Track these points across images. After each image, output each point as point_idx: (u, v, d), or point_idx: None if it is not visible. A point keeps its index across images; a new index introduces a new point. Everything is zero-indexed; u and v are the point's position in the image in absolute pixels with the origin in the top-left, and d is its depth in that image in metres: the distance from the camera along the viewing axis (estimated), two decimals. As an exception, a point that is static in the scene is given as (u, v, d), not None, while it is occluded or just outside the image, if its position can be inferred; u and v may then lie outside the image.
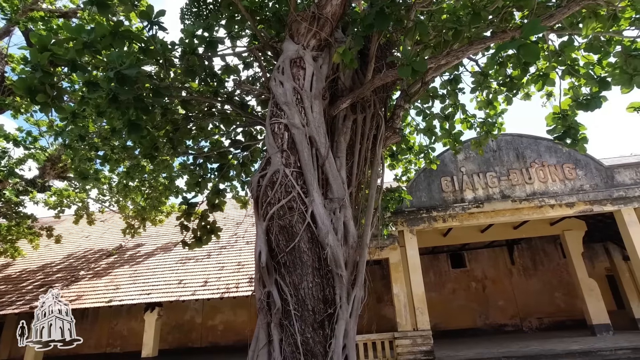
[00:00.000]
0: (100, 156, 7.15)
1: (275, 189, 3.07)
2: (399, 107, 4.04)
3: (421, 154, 6.49)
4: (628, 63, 3.69)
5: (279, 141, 3.22)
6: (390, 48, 4.13)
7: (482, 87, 4.87)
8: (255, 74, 6.02)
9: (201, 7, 6.62)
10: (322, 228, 3.05)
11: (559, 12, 2.65)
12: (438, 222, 9.35)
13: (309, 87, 3.44)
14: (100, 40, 3.47)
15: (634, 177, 9.06)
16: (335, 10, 3.56)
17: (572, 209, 8.96)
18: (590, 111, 3.99)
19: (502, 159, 9.60)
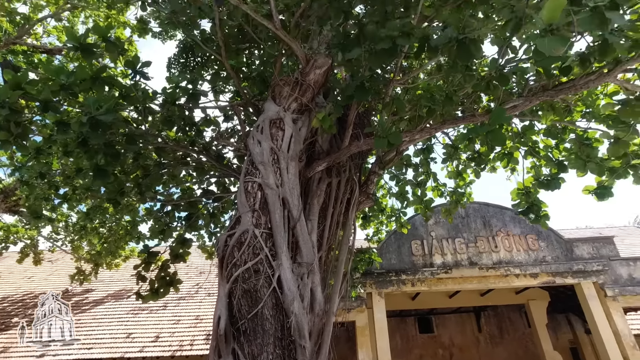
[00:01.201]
0: (59, 195, 6.75)
1: (242, 249, 2.95)
2: (373, 173, 4.14)
3: (393, 216, 6.57)
4: (582, 150, 4.01)
5: (251, 200, 3.16)
6: (367, 116, 4.33)
7: (453, 159, 5.12)
8: (235, 126, 6.09)
9: (189, 59, 6.80)
10: (288, 294, 2.90)
11: (521, 104, 2.90)
12: (407, 286, 9.24)
13: (286, 149, 3.47)
14: (79, 84, 3.43)
15: (590, 251, 9.48)
16: (318, 78, 3.73)
17: (536, 280, 9.14)
18: (550, 191, 4.23)
19: (470, 226, 9.87)
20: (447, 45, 2.49)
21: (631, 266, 9.24)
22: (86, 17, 10.16)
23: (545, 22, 1.78)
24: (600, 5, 1.76)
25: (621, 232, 16.27)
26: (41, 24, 10.11)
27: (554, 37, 1.78)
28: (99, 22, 9.31)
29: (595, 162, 3.92)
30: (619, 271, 9.20)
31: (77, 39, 3.36)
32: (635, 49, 2.66)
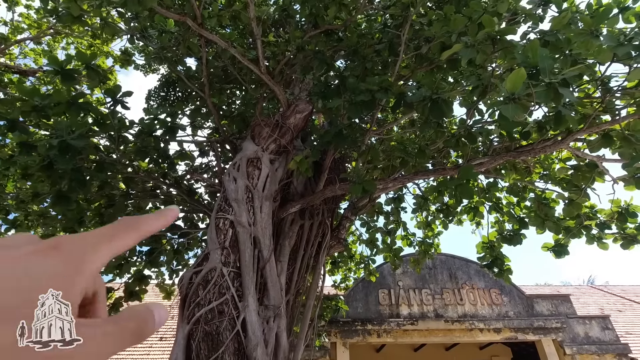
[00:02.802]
0: (8, 220, 6.27)
1: (207, 288, 2.82)
2: (345, 218, 4.18)
3: (362, 263, 6.55)
4: (540, 209, 4.28)
5: (221, 237, 3.08)
6: (342, 163, 4.46)
7: (422, 209, 5.29)
8: (210, 162, 6.06)
9: (169, 93, 6.86)
10: (251, 339, 2.76)
11: (486, 161, 3.12)
12: (373, 337, 8.99)
13: (261, 188, 3.48)
14: (53, 107, 3.36)
15: (550, 308, 9.74)
16: (298, 122, 3.86)
17: (499, 335, 9.18)
18: (513, 246, 4.42)
19: (437, 278, 9.96)
20: (421, 102, 2.69)
21: (587, 325, 9.54)
22: (68, 43, 10.14)
23: (508, 91, 1.98)
24: (554, 82, 2.00)
25: (576, 291, 16.90)
26: (18, 45, 9.96)
27: (515, 105, 1.98)
28: (81, 49, 9.31)
29: (552, 221, 4.18)
30: (576, 329, 9.45)
31: (59, 63, 3.35)
32: (583, 122, 2.99)
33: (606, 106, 2.76)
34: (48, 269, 0.27)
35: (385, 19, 4.07)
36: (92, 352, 0.27)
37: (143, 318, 0.31)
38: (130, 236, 0.33)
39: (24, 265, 0.26)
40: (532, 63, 2.09)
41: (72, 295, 0.27)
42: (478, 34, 2.35)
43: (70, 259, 0.28)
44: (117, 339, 0.28)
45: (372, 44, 3.88)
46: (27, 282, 0.26)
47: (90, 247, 0.30)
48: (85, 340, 0.27)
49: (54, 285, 0.26)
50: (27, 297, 0.25)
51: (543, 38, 2.39)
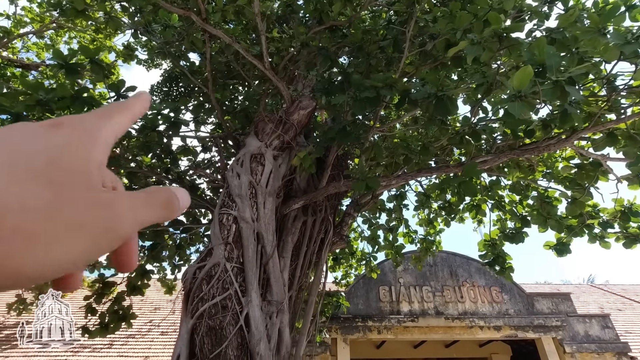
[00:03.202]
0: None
1: (211, 283, 2.83)
2: (348, 215, 4.19)
3: (363, 260, 6.56)
4: (543, 207, 4.28)
5: (225, 233, 3.09)
6: (346, 159, 4.46)
7: (424, 207, 5.29)
8: (212, 158, 6.06)
9: (172, 88, 6.85)
10: (254, 334, 2.77)
11: (490, 159, 3.12)
12: (373, 333, 9.02)
13: (265, 184, 3.48)
14: (57, 101, 3.37)
15: (550, 306, 9.76)
16: (302, 118, 3.86)
17: (499, 333, 9.21)
18: (515, 244, 4.42)
19: (438, 275, 9.97)
20: (426, 99, 2.68)
21: (587, 323, 9.56)
22: (70, 37, 10.13)
23: (514, 89, 1.98)
24: (561, 80, 2.00)
25: (576, 290, 16.92)
26: (21, 39, 9.95)
27: (522, 102, 1.98)
28: (84, 43, 9.29)
29: (555, 220, 4.18)
30: (576, 328, 9.47)
31: (63, 57, 3.35)
32: (589, 120, 2.98)
33: (611, 105, 2.75)
34: (61, 142, 0.26)
35: (390, 16, 4.05)
36: (128, 213, 0.27)
37: (170, 194, 0.31)
38: (126, 115, 0.33)
39: (38, 138, 0.25)
40: (539, 61, 2.08)
41: (90, 166, 0.27)
42: (485, 31, 2.34)
43: (79, 132, 0.27)
44: (150, 207, 0.29)
45: (376, 40, 3.87)
46: (47, 151, 0.25)
47: (96, 122, 0.29)
48: (121, 202, 0.26)
49: (71, 157, 0.25)
50: (52, 163, 0.24)
51: (550, 36, 2.38)
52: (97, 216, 0.25)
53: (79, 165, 0.26)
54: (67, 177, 0.24)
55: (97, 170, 0.27)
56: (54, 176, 0.24)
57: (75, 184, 0.25)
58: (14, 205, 0.21)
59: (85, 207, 0.24)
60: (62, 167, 0.25)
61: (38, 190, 0.23)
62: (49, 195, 0.23)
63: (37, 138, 0.25)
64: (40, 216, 0.22)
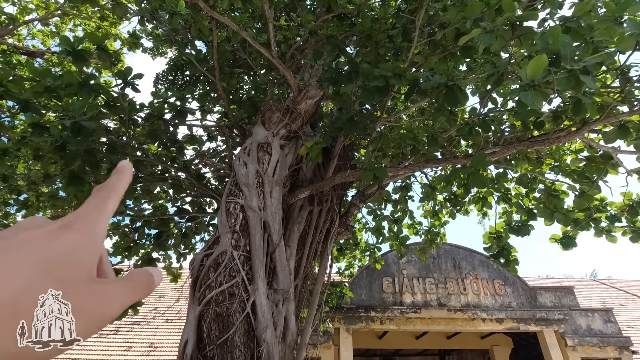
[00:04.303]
0: (19, 201, 6.35)
1: (219, 271, 2.86)
2: (353, 206, 4.19)
3: (367, 251, 6.58)
4: (549, 200, 4.26)
5: (232, 221, 3.10)
6: (352, 150, 4.44)
7: (430, 199, 5.28)
8: (218, 147, 6.06)
9: (177, 77, 6.83)
10: (261, 321, 2.80)
11: (499, 151, 3.09)
12: (375, 323, 9.10)
13: (271, 173, 3.48)
14: (65, 88, 3.37)
15: (553, 300, 9.78)
16: (309, 108, 3.83)
17: (501, 325, 9.26)
18: (520, 237, 4.41)
19: (441, 267, 10.00)
20: (435, 89, 2.65)
21: (589, 317, 9.57)
22: (75, 25, 10.09)
23: (528, 78, 1.95)
24: (576, 69, 1.96)
25: (579, 284, 16.93)
26: (26, 26, 9.92)
27: (535, 92, 1.95)
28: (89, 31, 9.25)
29: (561, 213, 4.16)
30: (579, 321, 9.49)
31: (70, 44, 3.33)
32: (601, 112, 2.94)
33: (625, 96, 2.71)
34: (67, 243, 0.32)
35: (399, 4, 3.99)
36: (116, 299, 0.34)
37: (148, 276, 0.39)
38: (114, 199, 0.39)
39: (46, 243, 0.32)
40: (553, 50, 2.04)
41: (89, 261, 0.34)
42: (498, 19, 2.30)
43: (82, 232, 0.34)
44: (133, 291, 0.36)
45: (385, 29, 3.82)
46: (58, 255, 0.31)
47: (94, 220, 0.36)
48: (110, 290, 0.34)
49: (74, 255, 0.32)
50: (62, 264, 0.31)
51: (565, 24, 2.33)
52: (93, 304, 0.32)
53: (81, 264, 0.33)
54: (70, 273, 0.31)
55: (94, 265, 0.34)
56: (60, 274, 0.30)
57: (76, 279, 0.31)
58: (34, 306, 0.29)
59: (84, 297, 0.31)
60: (68, 266, 0.31)
61: (48, 288, 0.29)
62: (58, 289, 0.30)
63: (48, 240, 0.32)
64: None
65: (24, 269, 0.29)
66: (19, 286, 0.28)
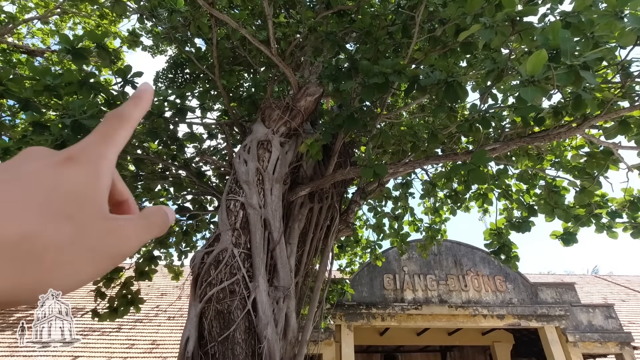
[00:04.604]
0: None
1: (219, 268, 2.86)
2: (354, 203, 4.19)
3: (368, 248, 6.59)
4: (550, 197, 4.25)
5: (232, 219, 3.11)
6: (352, 147, 4.44)
7: (430, 195, 5.28)
8: (218, 144, 6.06)
9: (177, 75, 6.82)
10: (262, 318, 2.81)
11: (499, 147, 3.08)
12: (377, 320, 9.13)
13: (272, 170, 3.48)
14: (65, 86, 3.37)
15: (554, 296, 9.79)
16: (309, 105, 3.83)
17: (502, 321, 9.27)
18: (521, 233, 4.41)
19: (442, 264, 10.01)
20: (435, 86, 2.65)
21: (590, 313, 9.58)
22: (75, 23, 10.08)
23: (528, 74, 1.94)
24: (576, 65, 1.95)
25: (580, 280, 16.93)
26: (26, 25, 9.92)
27: (535, 88, 1.94)
28: (88, 29, 9.24)
29: (562, 209, 4.15)
30: (580, 317, 9.50)
31: (70, 42, 3.33)
32: (601, 107, 2.93)
33: (625, 91, 2.70)
34: (73, 179, 0.30)
35: (399, 0, 3.98)
36: (133, 236, 0.32)
37: (163, 213, 0.37)
38: (126, 129, 0.36)
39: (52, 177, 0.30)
40: (553, 45, 2.04)
41: (99, 197, 0.31)
42: (497, 15, 2.29)
43: (87, 166, 0.31)
44: (149, 230, 0.35)
45: (385, 25, 3.81)
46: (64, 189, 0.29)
47: (100, 151, 0.33)
48: (126, 227, 0.32)
49: (82, 191, 0.30)
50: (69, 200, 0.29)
51: (565, 19, 2.32)
52: (107, 242, 0.30)
53: (91, 201, 0.30)
54: (81, 211, 0.29)
55: (105, 199, 0.32)
56: (71, 212, 0.28)
57: (89, 216, 0.29)
58: (51, 244, 0.27)
59: (98, 235, 0.29)
60: (77, 203, 0.29)
61: (62, 226, 0.28)
62: (70, 229, 0.28)
63: (53, 174, 0.30)
64: (67, 248, 0.27)
65: (34, 205, 0.27)
66: (30, 224, 0.26)
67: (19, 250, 0.25)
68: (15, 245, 0.25)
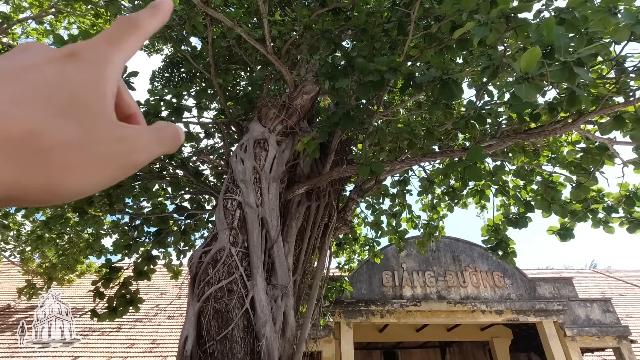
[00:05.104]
0: (19, 201, 6.35)
1: (217, 267, 2.87)
2: (351, 200, 4.20)
3: (366, 245, 6.61)
4: (547, 192, 4.27)
5: (229, 218, 3.11)
6: (349, 145, 4.44)
7: (428, 192, 5.29)
8: (215, 143, 6.06)
9: (173, 74, 6.80)
10: (260, 316, 2.82)
11: (495, 143, 3.09)
12: (376, 317, 9.16)
13: (268, 169, 3.49)
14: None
15: (552, 291, 9.84)
16: (305, 103, 3.83)
17: (501, 317, 9.32)
18: (518, 229, 4.42)
19: (440, 260, 10.04)
20: (431, 83, 2.65)
21: (588, 307, 9.64)
22: (70, 23, 10.02)
23: (522, 71, 1.95)
24: (570, 61, 1.96)
25: (578, 275, 17.02)
26: (20, 25, 9.86)
27: (529, 85, 1.95)
28: (83, 28, 9.19)
29: (558, 205, 4.17)
30: (578, 312, 9.56)
31: (64, 42, 3.32)
32: (596, 103, 2.94)
33: (620, 87, 2.70)
34: (77, 77, 0.27)
35: (395, -3, 3.97)
36: (143, 147, 0.30)
37: (175, 128, 0.34)
38: (137, 36, 0.33)
39: (54, 73, 0.27)
40: (547, 41, 2.04)
41: (105, 102, 0.29)
42: (492, 11, 2.29)
43: (91, 66, 0.28)
44: (161, 143, 0.32)
45: (380, 23, 3.80)
46: (68, 86, 0.27)
47: (106, 53, 0.30)
48: (136, 137, 0.30)
49: (87, 93, 0.27)
50: (74, 100, 0.26)
51: (559, 16, 2.32)
52: (117, 150, 0.28)
53: (96, 103, 0.28)
54: (87, 114, 0.27)
55: (112, 106, 0.29)
56: (77, 113, 0.26)
57: (95, 120, 0.27)
58: (59, 142, 0.25)
59: (107, 141, 0.27)
60: (82, 104, 0.27)
61: (68, 127, 0.26)
62: (78, 131, 0.26)
63: (56, 69, 0.27)
64: (75, 150, 0.26)
65: (37, 103, 0.25)
66: (34, 121, 0.24)
67: (25, 147, 0.23)
68: (20, 141, 0.23)
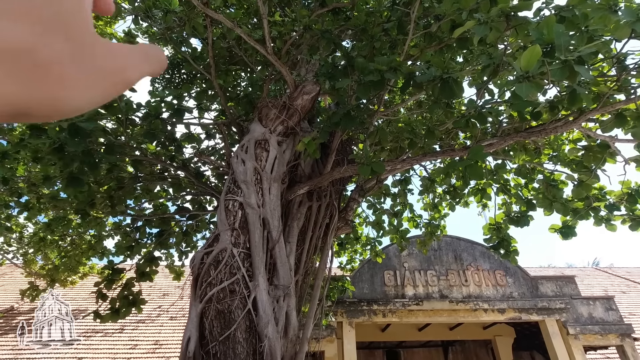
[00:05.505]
0: (20, 203, 6.37)
1: (219, 268, 2.88)
2: (353, 200, 4.20)
3: (368, 245, 6.61)
4: (548, 191, 4.26)
5: (231, 219, 3.11)
6: (350, 144, 4.44)
7: (429, 191, 5.29)
8: (216, 144, 6.07)
9: (174, 75, 6.81)
10: (262, 317, 2.83)
11: (496, 142, 3.09)
12: (378, 316, 9.16)
13: (269, 169, 3.49)
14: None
15: (554, 289, 9.82)
16: (305, 104, 3.83)
17: (503, 316, 9.31)
18: (520, 227, 4.42)
19: (442, 259, 10.04)
20: (431, 82, 2.65)
21: (591, 305, 9.62)
22: (71, 25, 10.03)
23: (522, 69, 1.95)
24: (570, 60, 1.96)
25: (581, 273, 16.98)
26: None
27: (529, 84, 1.95)
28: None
29: (560, 203, 4.16)
30: (580, 310, 9.54)
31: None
32: (597, 101, 2.93)
33: (621, 85, 2.70)
34: None
35: (394, -3, 3.97)
36: (133, 63, 0.30)
37: (159, 49, 0.35)
38: None
39: None
40: (547, 40, 2.04)
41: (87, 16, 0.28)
42: (492, 10, 2.29)
43: None
44: (147, 59, 0.32)
45: (380, 22, 3.80)
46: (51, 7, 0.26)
47: None
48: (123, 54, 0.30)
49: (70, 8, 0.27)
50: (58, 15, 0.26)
51: (559, 14, 2.32)
52: (111, 67, 0.28)
53: (81, 20, 0.27)
54: (74, 30, 0.26)
55: (92, 22, 0.29)
56: (66, 29, 0.26)
57: (83, 37, 0.27)
58: (53, 58, 0.25)
59: (97, 56, 0.27)
60: (69, 19, 0.26)
61: (59, 43, 0.25)
62: (69, 47, 0.26)
63: None
64: (69, 65, 0.25)
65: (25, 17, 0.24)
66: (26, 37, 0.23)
67: (24, 61, 0.23)
68: (18, 55, 0.23)
